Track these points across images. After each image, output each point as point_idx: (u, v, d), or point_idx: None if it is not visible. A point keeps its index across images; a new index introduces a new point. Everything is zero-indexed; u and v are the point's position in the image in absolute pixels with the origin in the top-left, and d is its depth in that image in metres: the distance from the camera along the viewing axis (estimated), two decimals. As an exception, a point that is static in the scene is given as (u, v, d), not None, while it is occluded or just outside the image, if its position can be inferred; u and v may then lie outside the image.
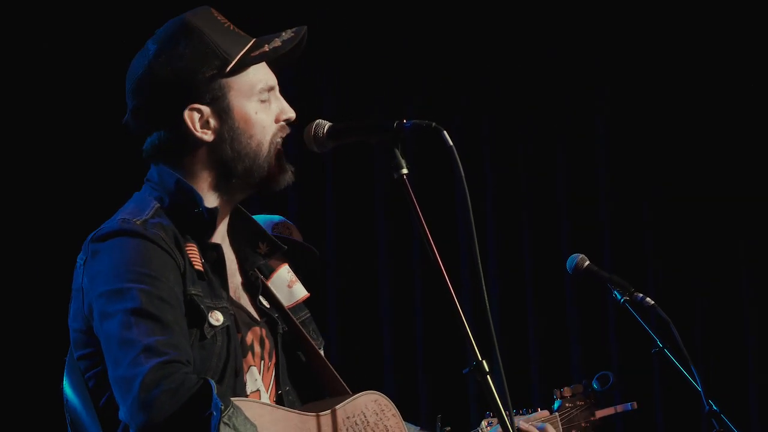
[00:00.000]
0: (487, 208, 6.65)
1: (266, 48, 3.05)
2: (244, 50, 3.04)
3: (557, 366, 6.51)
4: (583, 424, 3.94)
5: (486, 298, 2.86)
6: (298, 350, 3.17)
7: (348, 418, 3.02)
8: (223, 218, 3.10)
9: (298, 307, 3.22)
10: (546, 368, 6.54)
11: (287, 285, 3.22)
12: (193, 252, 2.97)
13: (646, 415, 6.50)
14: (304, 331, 3.18)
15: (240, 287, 3.13)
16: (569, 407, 3.93)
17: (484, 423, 3.85)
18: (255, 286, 3.15)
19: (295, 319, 3.17)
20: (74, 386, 2.98)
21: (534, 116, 6.75)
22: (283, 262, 3.25)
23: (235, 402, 2.75)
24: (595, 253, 5.48)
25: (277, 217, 4.86)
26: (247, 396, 2.98)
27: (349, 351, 6.30)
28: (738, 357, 6.62)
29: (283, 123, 3.09)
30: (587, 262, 4.13)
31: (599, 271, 4.12)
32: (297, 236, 4.84)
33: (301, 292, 3.23)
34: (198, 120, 3.01)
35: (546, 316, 6.61)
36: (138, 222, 2.92)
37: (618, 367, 6.52)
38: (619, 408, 4.04)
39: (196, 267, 2.95)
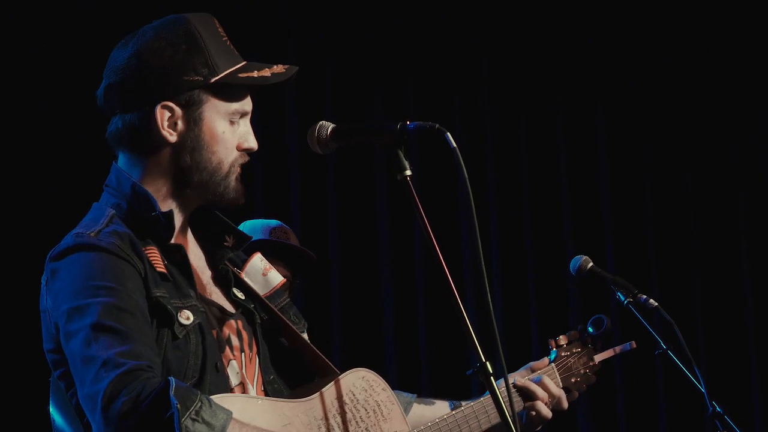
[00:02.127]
0: (490, 209, 6.64)
1: (255, 74, 3.05)
2: (233, 68, 3.04)
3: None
4: (582, 371, 3.84)
5: (489, 300, 2.86)
6: (280, 337, 3.17)
7: (336, 399, 3.02)
8: (182, 219, 3.09)
9: (276, 293, 3.22)
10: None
11: (262, 273, 3.22)
12: (154, 255, 2.98)
13: (650, 417, 6.49)
14: (284, 318, 3.18)
15: (211, 282, 3.13)
16: (566, 356, 3.82)
17: None
18: (226, 279, 3.15)
19: (273, 306, 3.18)
20: (59, 407, 3.00)
21: (536, 117, 6.74)
22: (255, 251, 3.25)
23: (216, 399, 2.76)
24: (598, 255, 5.47)
25: (274, 222, 4.85)
26: (231, 391, 2.98)
27: (352, 352, 6.29)
28: (741, 358, 6.61)
29: (243, 151, 3.08)
30: (591, 264, 4.11)
31: (603, 273, 4.10)
32: (294, 240, 4.82)
33: (276, 278, 3.23)
34: (167, 118, 3.01)
35: (549, 318, 6.60)
36: (92, 234, 2.93)
37: (621, 368, 6.51)
38: (618, 349, 3.89)
39: (158, 269, 2.96)
